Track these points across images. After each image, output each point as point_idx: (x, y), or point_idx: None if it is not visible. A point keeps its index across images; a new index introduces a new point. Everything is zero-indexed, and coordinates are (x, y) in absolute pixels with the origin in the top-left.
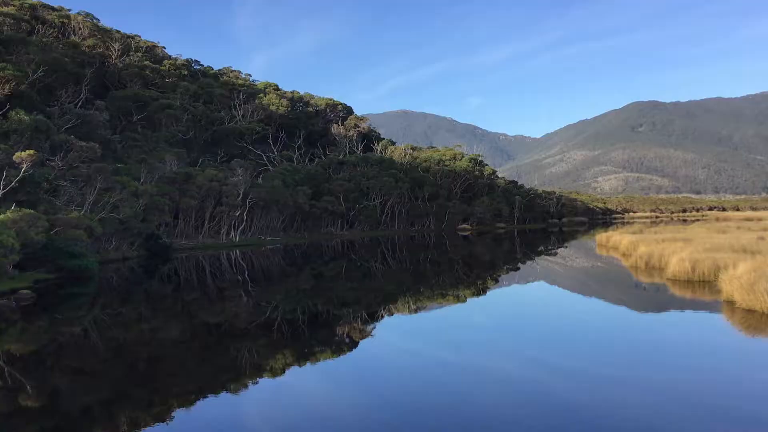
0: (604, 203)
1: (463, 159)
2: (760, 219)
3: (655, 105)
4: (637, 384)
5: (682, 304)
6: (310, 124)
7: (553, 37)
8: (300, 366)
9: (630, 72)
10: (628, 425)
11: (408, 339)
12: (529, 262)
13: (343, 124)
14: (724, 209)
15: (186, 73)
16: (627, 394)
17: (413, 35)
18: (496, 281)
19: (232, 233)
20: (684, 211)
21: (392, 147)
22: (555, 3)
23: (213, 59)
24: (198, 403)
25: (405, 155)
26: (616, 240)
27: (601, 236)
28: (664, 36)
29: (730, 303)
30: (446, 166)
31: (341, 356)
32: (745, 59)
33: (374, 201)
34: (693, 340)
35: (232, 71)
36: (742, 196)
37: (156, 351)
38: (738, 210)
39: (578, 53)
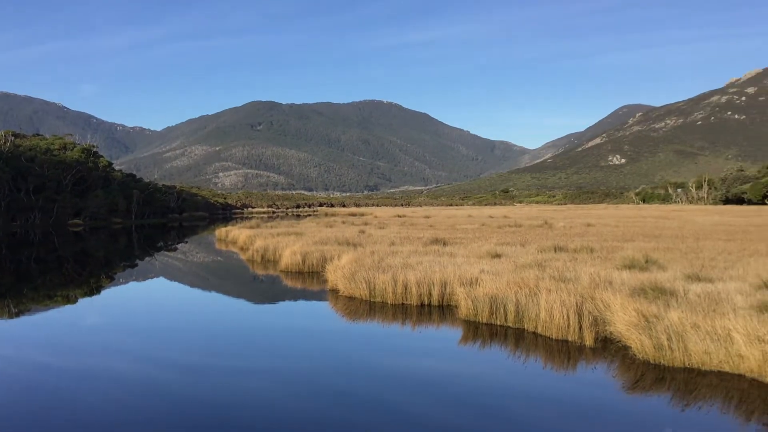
0: (225, 198)
1: (75, 149)
2: (362, 214)
3: (272, 105)
4: (258, 372)
5: (294, 295)
6: None
7: (173, 30)
8: None
9: (249, 72)
10: (250, 413)
11: (7, 347)
12: (147, 259)
13: None
14: (332, 205)
15: None
16: (250, 383)
17: (13, 7)
18: (112, 279)
19: None
20: (298, 206)
21: None
22: None
23: None
24: None
25: (5, 143)
26: (234, 234)
27: (221, 231)
28: (281, 40)
29: (335, 291)
30: (55, 156)
31: None
32: (350, 69)
33: None
34: (303, 327)
35: None
36: (348, 194)
37: None
38: (344, 206)
39: (199, 48)
